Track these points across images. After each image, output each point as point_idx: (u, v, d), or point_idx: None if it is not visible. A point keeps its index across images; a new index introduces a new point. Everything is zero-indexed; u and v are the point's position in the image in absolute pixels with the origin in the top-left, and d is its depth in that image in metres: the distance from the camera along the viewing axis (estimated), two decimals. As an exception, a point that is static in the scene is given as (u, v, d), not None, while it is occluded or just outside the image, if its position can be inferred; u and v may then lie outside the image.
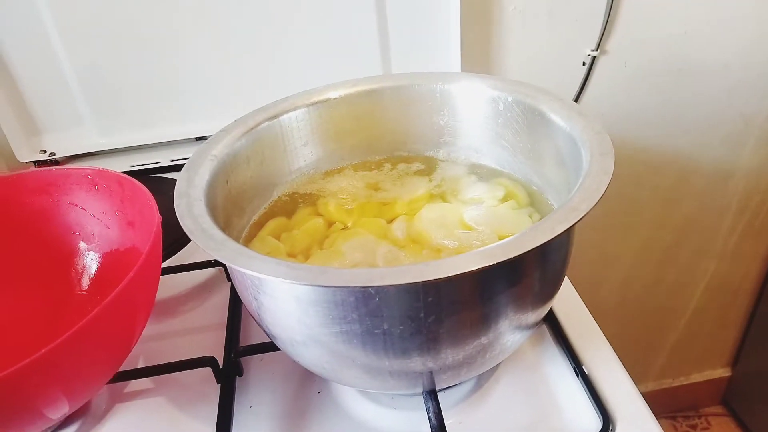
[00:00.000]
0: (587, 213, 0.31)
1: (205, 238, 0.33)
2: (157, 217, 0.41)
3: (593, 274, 1.06)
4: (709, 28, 0.81)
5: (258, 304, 0.36)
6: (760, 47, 0.84)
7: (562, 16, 0.78)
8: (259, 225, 0.47)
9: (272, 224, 0.47)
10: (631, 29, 0.80)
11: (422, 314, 0.31)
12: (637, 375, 0.42)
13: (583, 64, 0.82)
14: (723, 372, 1.24)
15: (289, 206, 0.49)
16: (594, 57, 0.81)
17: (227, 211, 0.41)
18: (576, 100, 0.85)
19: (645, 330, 1.15)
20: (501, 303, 0.33)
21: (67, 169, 0.49)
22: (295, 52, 0.72)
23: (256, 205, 0.48)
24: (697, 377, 1.23)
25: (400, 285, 0.29)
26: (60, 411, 0.36)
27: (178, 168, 0.74)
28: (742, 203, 1.01)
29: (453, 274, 0.28)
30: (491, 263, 0.28)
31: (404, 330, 0.32)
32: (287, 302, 0.33)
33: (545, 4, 0.77)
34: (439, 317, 0.32)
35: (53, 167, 0.49)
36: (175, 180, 0.68)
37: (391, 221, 0.46)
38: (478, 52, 0.79)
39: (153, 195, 0.44)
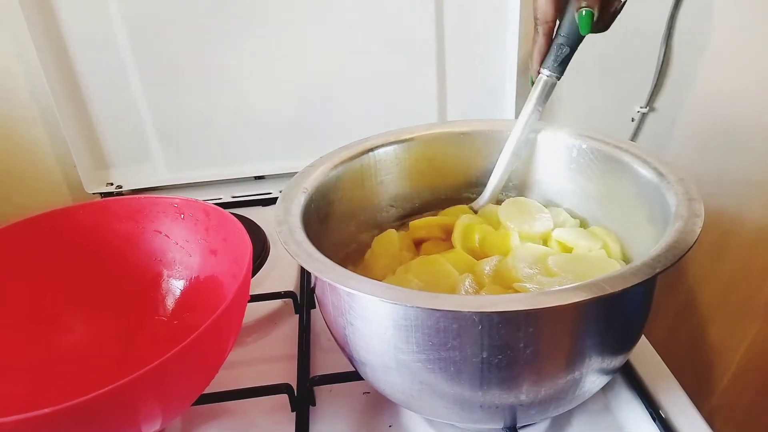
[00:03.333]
0: (685, 254, 0.32)
1: (312, 262, 0.35)
2: (249, 245, 0.43)
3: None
4: (756, 89, 0.84)
5: (352, 329, 0.37)
6: (807, 110, 0.85)
7: (613, 73, 0.81)
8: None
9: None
10: (680, 88, 0.82)
11: (522, 344, 0.32)
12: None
13: (632, 120, 0.85)
14: (766, 439, 1.20)
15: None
16: (643, 114, 0.84)
17: (319, 238, 0.43)
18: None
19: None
20: (597, 337, 0.34)
21: (155, 197, 0.51)
22: (353, 100, 0.76)
23: (341, 237, 0.50)
24: (738, 443, 1.19)
25: (506, 313, 0.31)
26: (153, 426, 0.37)
27: (238, 204, 0.77)
28: (786, 264, 1.00)
29: (562, 304, 0.29)
30: (599, 295, 0.29)
31: (502, 360, 0.33)
32: (385, 327, 0.34)
33: (598, 62, 0.80)
34: (537, 348, 0.33)
35: (141, 195, 0.52)
36: (238, 215, 0.71)
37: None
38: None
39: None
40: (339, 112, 0.76)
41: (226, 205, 0.77)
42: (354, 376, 0.45)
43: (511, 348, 0.32)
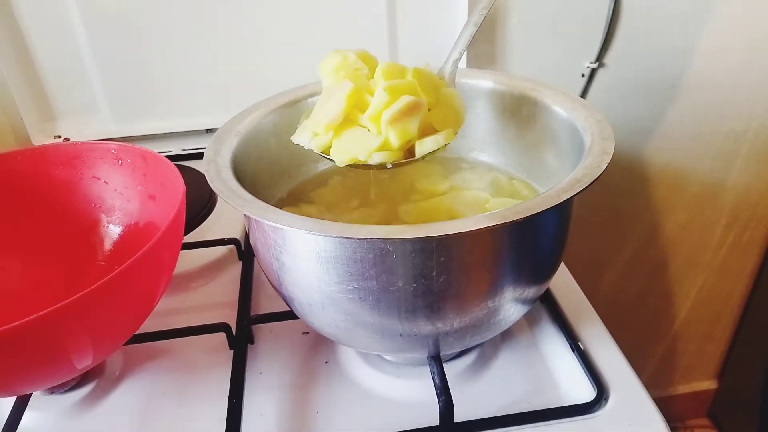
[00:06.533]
0: (589, 185, 0.34)
1: (235, 197, 0.36)
2: (182, 186, 0.44)
3: (584, 282, 1.08)
4: (701, 47, 0.85)
5: (279, 265, 0.38)
6: (748, 67, 0.88)
7: (563, 29, 0.82)
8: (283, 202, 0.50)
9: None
10: (628, 45, 0.84)
11: (434, 273, 0.34)
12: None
13: (582, 76, 0.86)
14: (709, 384, 1.26)
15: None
16: (593, 70, 0.85)
17: (251, 185, 0.44)
18: (574, 110, 0.88)
19: (633, 340, 1.18)
20: (507, 268, 0.36)
21: (92, 143, 0.51)
22: (305, 47, 0.75)
23: (278, 183, 0.50)
24: (683, 389, 1.25)
25: (416, 241, 0.32)
26: (85, 361, 0.38)
27: (188, 157, 0.77)
28: (731, 218, 1.04)
29: (468, 230, 0.31)
30: (503, 222, 0.31)
31: (417, 288, 0.34)
32: (308, 260, 0.36)
33: (548, 17, 0.80)
34: (449, 277, 0.34)
35: (79, 142, 0.52)
36: (187, 167, 0.71)
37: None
38: (482, 61, 0.83)
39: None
40: (292, 63, 0.76)
41: (176, 158, 0.77)
42: (292, 315, 0.46)
43: (424, 276, 0.34)
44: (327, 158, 0.43)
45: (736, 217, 1.05)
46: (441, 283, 0.34)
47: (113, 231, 0.52)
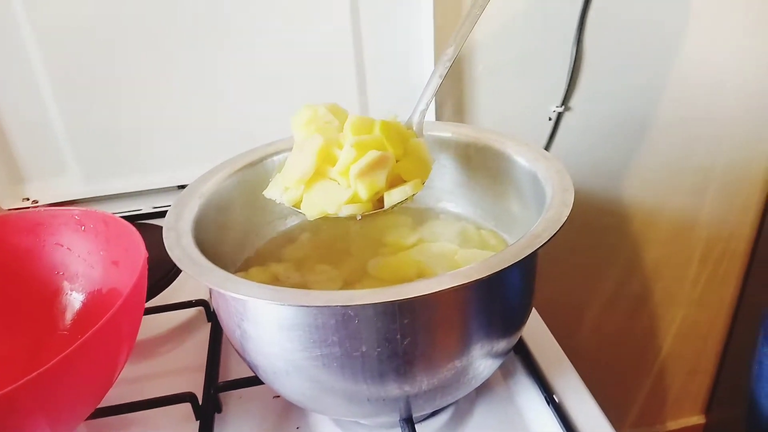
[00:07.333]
0: (549, 240, 0.34)
1: (193, 266, 0.35)
2: (144, 252, 0.43)
3: (565, 323, 1.08)
4: (666, 84, 0.88)
5: (241, 333, 0.37)
6: (713, 103, 0.90)
7: (529, 74, 0.83)
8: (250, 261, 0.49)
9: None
10: (592, 87, 0.86)
11: (398, 336, 0.33)
12: (612, 422, 0.44)
13: (549, 119, 0.87)
14: (698, 419, 1.25)
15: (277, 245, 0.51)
16: (559, 113, 0.87)
17: (216, 247, 0.43)
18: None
19: (619, 377, 1.17)
20: (473, 326, 0.35)
21: (55, 209, 0.51)
22: (276, 104, 0.76)
23: (243, 244, 0.50)
24: (672, 425, 1.24)
25: (378, 305, 0.32)
26: (41, 442, 0.37)
27: (159, 215, 0.76)
28: (706, 251, 1.05)
29: (430, 292, 0.30)
30: (465, 282, 0.31)
31: (381, 352, 0.34)
32: (270, 328, 0.35)
33: (512, 64, 0.82)
34: (414, 339, 0.34)
35: (41, 208, 0.51)
36: (157, 226, 0.70)
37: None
38: (451, 109, 0.84)
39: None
40: (263, 118, 0.76)
41: (146, 216, 0.76)
42: (259, 380, 0.45)
43: (388, 340, 0.33)
44: (298, 212, 0.43)
45: (710, 250, 1.06)
46: (406, 346, 0.34)
47: (76, 299, 0.51)
